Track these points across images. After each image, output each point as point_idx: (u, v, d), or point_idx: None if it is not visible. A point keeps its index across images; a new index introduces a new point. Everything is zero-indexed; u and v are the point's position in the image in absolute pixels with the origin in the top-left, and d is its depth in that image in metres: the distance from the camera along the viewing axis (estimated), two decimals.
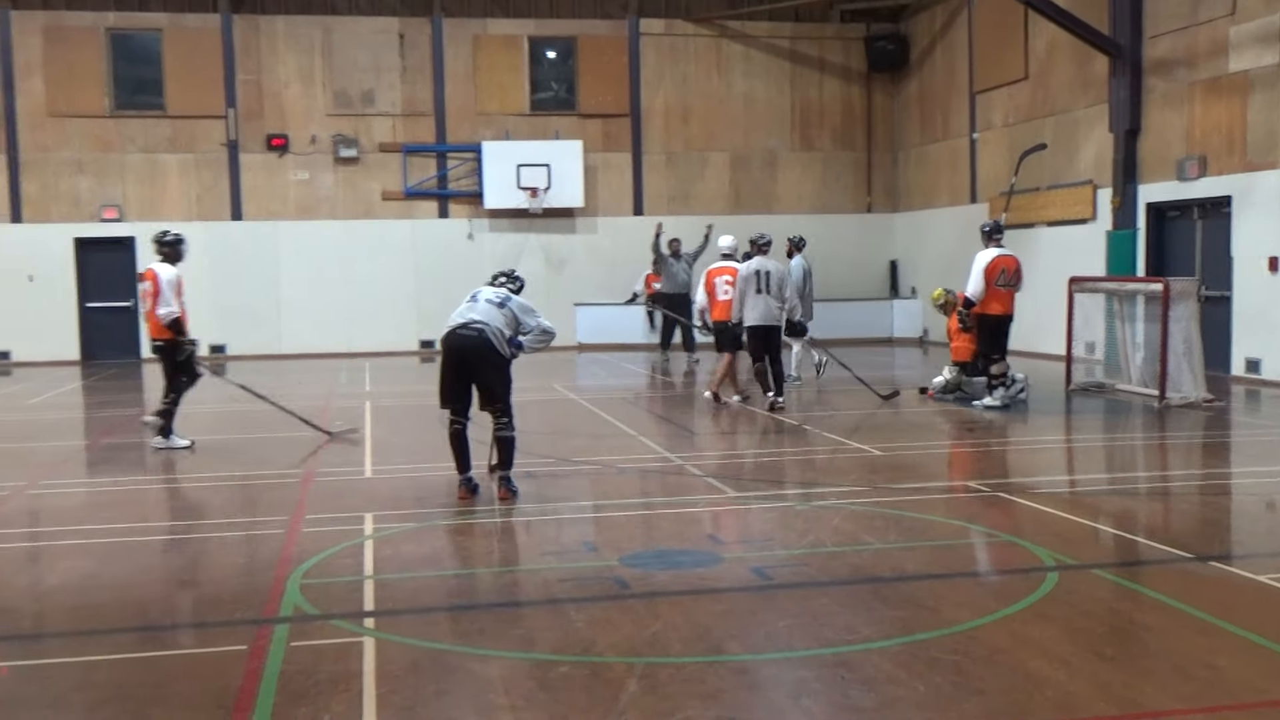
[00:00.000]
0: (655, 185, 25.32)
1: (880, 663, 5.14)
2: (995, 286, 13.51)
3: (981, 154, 22.72)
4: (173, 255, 11.90)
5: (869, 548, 7.28)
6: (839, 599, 6.16)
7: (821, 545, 7.34)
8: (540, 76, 25.26)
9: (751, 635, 5.62)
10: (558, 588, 6.47)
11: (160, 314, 11.59)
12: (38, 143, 23.22)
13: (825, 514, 8.23)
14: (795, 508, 8.53)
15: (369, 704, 4.77)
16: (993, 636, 5.48)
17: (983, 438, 12.14)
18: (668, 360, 20.64)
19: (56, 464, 11.40)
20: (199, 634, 5.94)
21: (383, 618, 6.01)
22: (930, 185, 24.85)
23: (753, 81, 25.62)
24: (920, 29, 25.16)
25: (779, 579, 6.60)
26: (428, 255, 24.20)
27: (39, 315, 23.07)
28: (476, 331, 8.72)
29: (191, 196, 23.76)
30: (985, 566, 7.25)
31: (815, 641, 5.48)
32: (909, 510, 8.31)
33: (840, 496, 8.83)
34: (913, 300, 25.07)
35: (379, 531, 7.92)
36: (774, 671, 5.16)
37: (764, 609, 6.06)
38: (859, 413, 13.73)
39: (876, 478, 9.66)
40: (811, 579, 6.60)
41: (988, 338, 13.71)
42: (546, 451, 10.93)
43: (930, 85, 24.76)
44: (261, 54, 23.87)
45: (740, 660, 5.26)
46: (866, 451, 10.91)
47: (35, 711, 4.81)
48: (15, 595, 6.69)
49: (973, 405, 13.83)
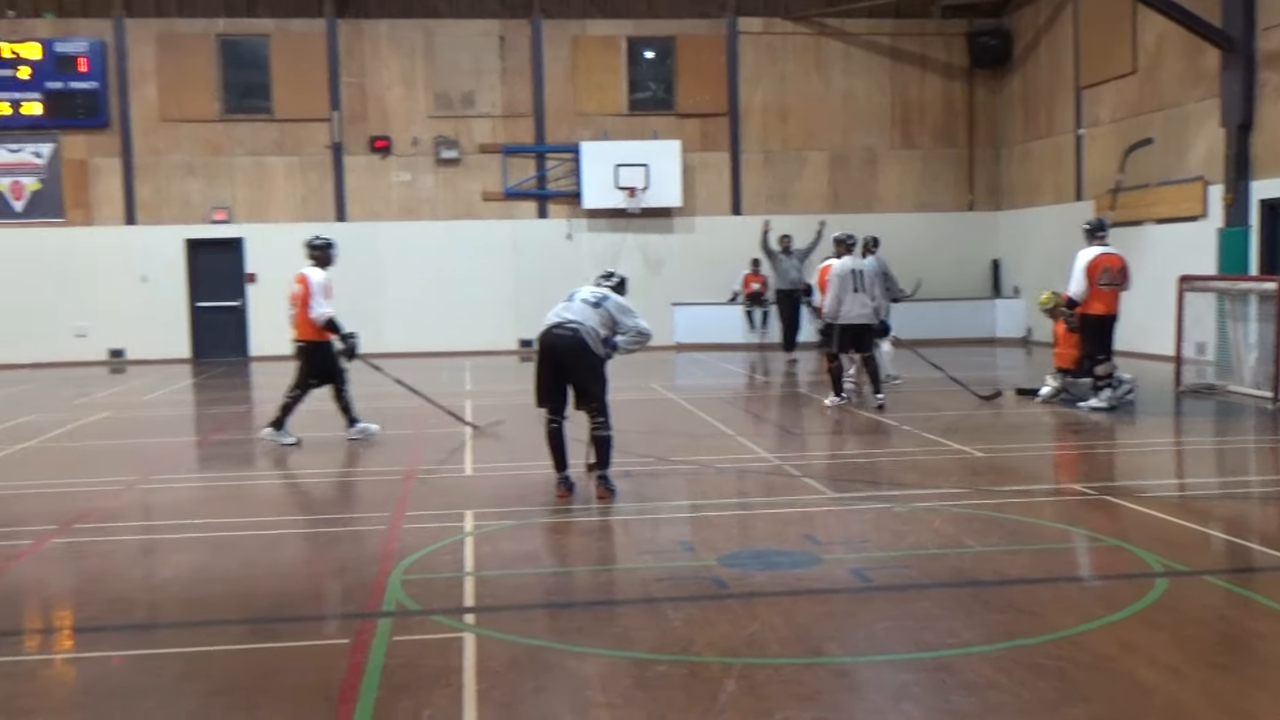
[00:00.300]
0: (753, 184, 25.25)
1: (982, 668, 5.07)
2: (1097, 285, 13.23)
3: (1087, 150, 22.26)
4: (323, 259, 12.21)
5: (970, 550, 7.18)
6: (940, 602, 6.09)
7: (922, 547, 7.26)
8: (638, 76, 25.32)
9: (850, 637, 5.58)
10: (655, 587, 6.48)
11: (314, 316, 11.89)
12: (151, 147, 23.89)
13: (925, 516, 8.14)
14: (895, 509, 8.44)
15: (469, 699, 4.82)
16: (1098, 643, 5.37)
17: (1088, 440, 11.90)
18: (795, 361, 20.29)
19: (169, 459, 11.70)
20: (304, 627, 6.05)
21: (482, 614, 6.08)
22: (1034, 183, 24.42)
23: (852, 79, 25.42)
24: (1024, 23, 24.74)
25: (878, 581, 6.54)
26: (527, 255, 24.40)
27: (152, 314, 23.73)
28: (571, 331, 8.75)
29: (297, 198, 24.26)
30: (1090, 571, 7.11)
31: (915, 645, 5.42)
32: (1011, 513, 8.18)
33: (941, 498, 8.72)
34: (1016, 300, 24.66)
35: (479, 528, 8.01)
36: (873, 674, 5.12)
37: (863, 611, 6.01)
38: (959, 413, 13.54)
39: (978, 479, 9.52)
40: (912, 581, 6.53)
41: (1091, 338, 13.44)
42: (644, 451, 10.95)
43: (1034, 80, 24.33)
44: (365, 57, 24.28)
45: (839, 662, 5.22)
46: (967, 453, 10.76)
47: (149, 700, 4.94)
48: (130, 586, 6.88)
49: (1078, 407, 13.56)
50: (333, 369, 12.15)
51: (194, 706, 4.88)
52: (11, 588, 6.90)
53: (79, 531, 8.24)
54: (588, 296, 9.01)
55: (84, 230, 23.74)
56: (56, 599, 6.78)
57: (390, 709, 4.73)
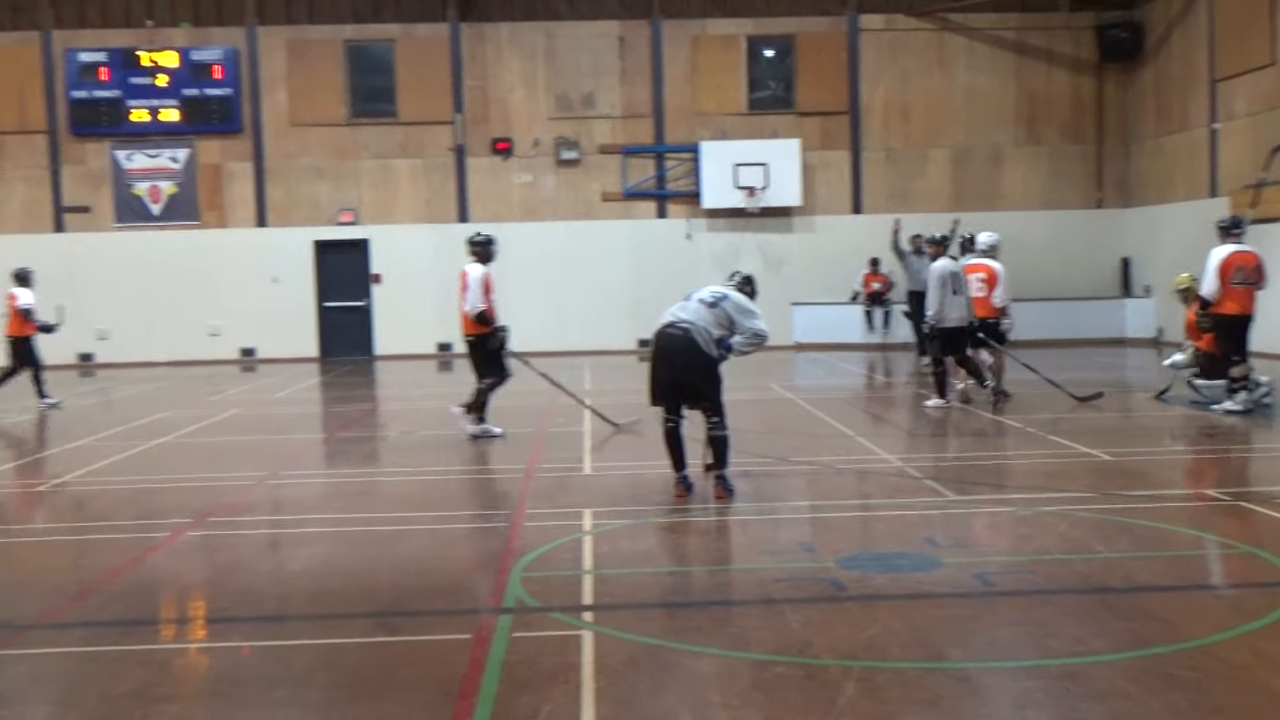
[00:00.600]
0: (874, 183, 24.99)
1: (1110, 676, 4.94)
2: (1230, 285, 12.80)
3: (1222, 145, 21.56)
4: (483, 255, 12.40)
5: (1098, 556, 7.00)
6: (1065, 608, 5.95)
7: (1047, 552, 7.10)
8: (758, 75, 25.24)
9: (973, 642, 5.49)
10: (773, 588, 6.45)
11: (466, 309, 12.09)
12: (281, 151, 24.54)
13: (1051, 520, 7.97)
14: (1019, 513, 8.28)
15: (587, 696, 4.85)
16: (1232, 653, 5.20)
17: (1222, 444, 11.52)
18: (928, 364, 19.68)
19: (296, 455, 12.00)
20: (427, 622, 6.14)
21: (601, 612, 6.11)
22: (1166, 179, 23.72)
23: (976, 75, 25.00)
24: (1155, 15, 24.05)
25: (1002, 586, 6.42)
26: (646, 255, 24.48)
27: (281, 314, 24.38)
28: (683, 330, 8.72)
29: (421, 200, 24.70)
30: (1223, 579, 6.89)
31: (1040, 651, 5.31)
32: (1140, 518, 7.96)
33: (1066, 502, 8.52)
34: (1147, 299, 24.00)
35: (597, 527, 8.06)
36: (996, 681, 5.03)
37: (986, 616, 5.91)
38: (1085, 415, 13.22)
39: (1106, 483, 9.28)
40: (1036, 587, 6.40)
41: (1225, 339, 13.00)
42: (763, 451, 10.90)
43: (1166, 74, 23.65)
44: (487, 60, 24.61)
45: (961, 668, 5.14)
46: (1094, 456, 10.50)
47: (278, 690, 5.07)
48: (260, 579, 7.07)
49: (1212, 409, 13.14)
50: (496, 365, 12.26)
51: (320, 697, 5.00)
52: (149, 579, 7.14)
53: (212, 525, 8.49)
54: (705, 296, 8.96)
55: (218, 232, 24.49)
56: (190, 590, 7.00)
57: (510, 705, 4.79)
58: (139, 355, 23.90)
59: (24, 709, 4.92)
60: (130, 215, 24.40)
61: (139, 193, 24.37)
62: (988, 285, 14.38)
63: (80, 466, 11.11)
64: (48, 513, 9.44)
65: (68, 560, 7.85)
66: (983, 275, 14.49)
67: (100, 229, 24.37)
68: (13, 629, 6.02)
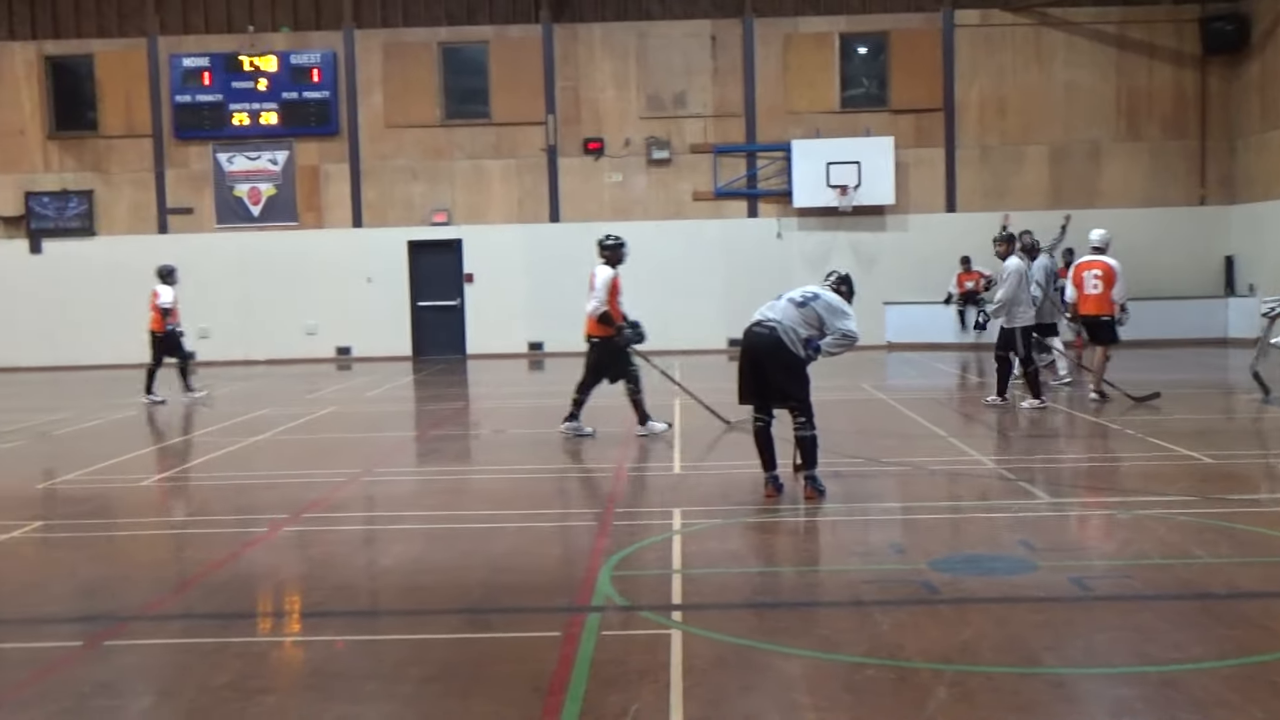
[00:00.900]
0: (968, 180, 24.65)
1: (1211, 684, 4.82)
2: None
3: None
4: (613, 258, 12.39)
5: (1198, 561, 6.83)
6: (1164, 614, 5.82)
7: (1145, 556, 6.95)
8: (851, 73, 25.05)
9: (1069, 648, 5.39)
10: (863, 589, 6.39)
11: (589, 309, 12.06)
12: (377, 152, 24.90)
13: (1150, 523, 7.79)
14: (1117, 516, 8.12)
15: (676, 696, 4.85)
16: None
17: None
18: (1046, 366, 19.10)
19: (390, 453, 12.16)
20: (517, 618, 6.19)
21: (689, 612, 6.10)
22: (1273, 175, 23.06)
23: (1075, 70, 24.54)
24: (1263, 7, 23.39)
25: (1099, 590, 6.30)
26: (736, 254, 24.41)
27: (376, 313, 24.74)
28: (769, 330, 8.67)
29: (513, 200, 24.90)
30: None
31: (1138, 658, 5.20)
32: (1244, 523, 7.75)
33: (1166, 506, 8.32)
34: (1251, 299, 23.36)
35: (686, 526, 8.05)
36: (1093, 687, 4.93)
37: (1082, 621, 5.80)
38: (1187, 417, 12.92)
39: (1208, 487, 9.04)
40: (1135, 592, 6.27)
41: None
42: (854, 451, 10.81)
43: (1274, 67, 22.98)
44: (579, 61, 24.73)
45: (1057, 673, 5.05)
46: (1196, 459, 10.24)
47: (370, 684, 5.14)
48: (353, 574, 7.18)
49: None
50: (622, 367, 12.24)
51: (411, 691, 5.06)
52: (246, 573, 7.29)
53: (308, 521, 8.64)
54: (795, 296, 8.90)
55: (315, 233, 24.93)
56: (286, 584, 7.13)
57: (598, 702, 4.80)
58: (239, 353, 24.42)
59: (129, 699, 5.05)
60: (231, 216, 24.94)
61: (239, 194, 24.90)
62: (1104, 282, 14.34)
63: (182, 462, 11.38)
64: (151, 507, 9.68)
65: (170, 554, 8.05)
66: (1099, 272, 14.44)
67: (202, 230, 24.94)
68: (117, 620, 6.19)
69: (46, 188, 25.04)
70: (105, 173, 25.09)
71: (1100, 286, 14.35)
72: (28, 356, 24.65)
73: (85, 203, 24.99)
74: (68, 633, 6.05)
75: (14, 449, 12.83)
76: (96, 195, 25.04)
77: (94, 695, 5.06)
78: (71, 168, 25.13)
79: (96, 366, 24.06)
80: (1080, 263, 14.86)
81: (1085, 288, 14.54)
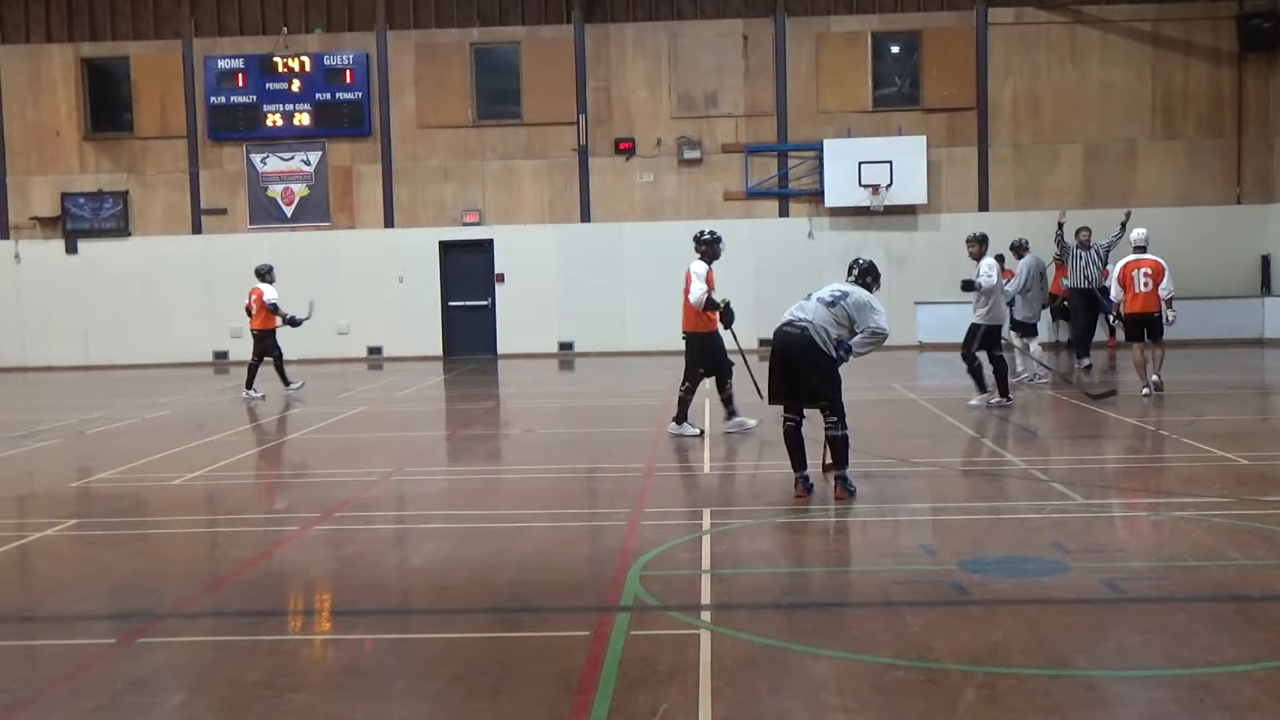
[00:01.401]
0: (1002, 179, 24.51)
1: (1245, 688, 4.77)
2: None
3: None
4: (709, 253, 12.31)
5: (1233, 563, 6.77)
6: (1198, 616, 5.77)
7: (1179, 558, 6.89)
8: (883, 72, 24.93)
9: (1100, 650, 5.35)
10: (893, 590, 6.37)
11: (691, 299, 11.88)
12: (409, 153, 25.00)
13: (1183, 525, 7.73)
14: (1150, 517, 8.05)
15: (704, 696, 4.85)
16: None
17: None
18: (1089, 367, 18.32)
19: (420, 453, 12.21)
20: (546, 618, 6.20)
21: (719, 612, 6.09)
22: None
23: (1110, 68, 24.35)
24: None
25: (1131, 592, 6.25)
26: (767, 254, 24.33)
27: (407, 313, 24.84)
28: (799, 329, 8.66)
29: (544, 200, 24.94)
30: None
31: (1171, 660, 5.15)
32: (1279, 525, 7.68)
33: (1200, 507, 8.24)
34: None
35: (716, 526, 8.04)
36: (1124, 690, 4.89)
37: (1114, 623, 5.76)
38: (1222, 418, 12.80)
39: (1243, 489, 8.96)
40: (1168, 594, 6.21)
41: None
42: (885, 452, 10.77)
43: None
44: (611, 61, 24.74)
45: (1088, 675, 5.01)
46: (1231, 460, 10.14)
47: (400, 682, 5.17)
48: (383, 573, 7.21)
49: None
50: (717, 360, 12.18)
51: (440, 690, 5.07)
52: (278, 571, 7.34)
53: (339, 519, 8.69)
54: (824, 295, 8.88)
55: (347, 233, 25.05)
56: (317, 583, 7.17)
57: (627, 701, 4.80)
58: None
59: (162, 696, 5.09)
60: (264, 217, 25.10)
61: (273, 194, 25.05)
62: (1154, 279, 14.50)
63: (215, 461, 11.46)
64: (184, 505, 9.75)
65: (202, 552, 8.12)
66: (1148, 270, 14.60)
67: (236, 230, 25.11)
68: (151, 617, 6.24)
69: (82, 189, 25.27)
70: (140, 174, 25.30)
71: (1150, 284, 14.53)
72: (63, 356, 24.92)
73: (120, 203, 25.20)
74: (101, 630, 6.11)
75: (49, 448, 12.96)
76: (131, 196, 25.25)
77: (127, 692, 5.11)
78: (107, 169, 25.35)
79: (131, 366, 24.28)
80: (1128, 261, 14.88)
81: (1136, 286, 14.66)
